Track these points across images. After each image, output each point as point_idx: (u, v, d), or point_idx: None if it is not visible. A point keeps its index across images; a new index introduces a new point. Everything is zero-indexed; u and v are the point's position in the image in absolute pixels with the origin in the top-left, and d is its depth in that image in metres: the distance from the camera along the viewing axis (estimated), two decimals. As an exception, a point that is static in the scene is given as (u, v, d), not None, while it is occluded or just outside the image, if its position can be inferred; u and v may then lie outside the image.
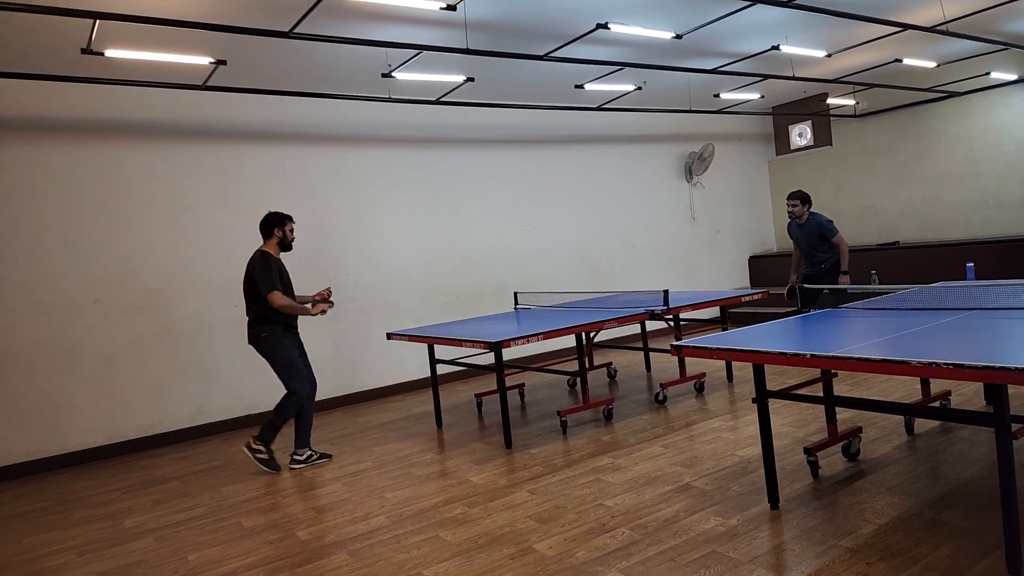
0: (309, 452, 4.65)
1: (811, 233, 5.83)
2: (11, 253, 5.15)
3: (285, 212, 4.67)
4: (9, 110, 5.17)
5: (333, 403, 6.45)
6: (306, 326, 6.29)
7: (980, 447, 3.63)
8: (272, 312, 4.43)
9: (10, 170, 5.16)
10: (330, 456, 4.75)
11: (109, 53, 4.30)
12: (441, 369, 6.46)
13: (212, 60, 4.67)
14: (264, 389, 6.09)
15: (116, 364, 5.49)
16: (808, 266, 5.98)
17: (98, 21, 3.83)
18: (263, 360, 4.48)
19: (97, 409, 5.41)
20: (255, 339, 4.50)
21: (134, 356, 5.57)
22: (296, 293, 4.78)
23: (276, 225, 4.57)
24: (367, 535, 3.34)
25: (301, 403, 4.50)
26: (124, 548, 3.52)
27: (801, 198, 5.86)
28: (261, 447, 4.53)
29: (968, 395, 4.60)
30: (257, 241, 6.10)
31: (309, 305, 4.59)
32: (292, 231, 4.64)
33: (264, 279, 4.37)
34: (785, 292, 5.59)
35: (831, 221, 5.84)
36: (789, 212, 5.91)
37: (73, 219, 5.38)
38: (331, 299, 4.68)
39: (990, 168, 7.86)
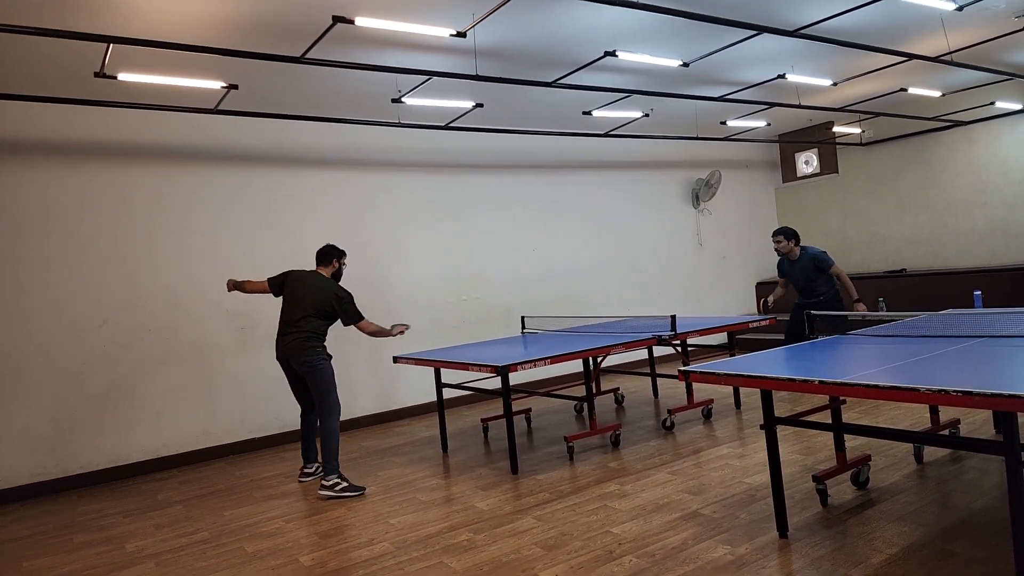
0: (337, 479, 4.47)
1: (806, 267, 5.72)
2: (19, 275, 5.19)
3: (341, 247, 4.95)
4: (22, 132, 5.25)
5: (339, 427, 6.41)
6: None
7: (991, 476, 3.58)
8: (323, 334, 4.59)
9: (21, 192, 5.23)
10: (363, 489, 4.48)
11: (122, 77, 4.38)
12: (447, 393, 6.44)
13: (224, 84, 4.75)
14: (269, 412, 6.09)
15: (121, 387, 5.50)
16: (802, 298, 5.85)
17: (111, 45, 3.91)
18: (268, 384, 4.51)
19: (101, 432, 5.40)
20: (304, 352, 4.49)
21: (139, 379, 5.58)
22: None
23: (336, 257, 4.76)
24: (371, 561, 3.30)
25: (338, 422, 4.52)
26: (125, 573, 3.49)
27: (785, 234, 5.74)
28: (333, 479, 4.39)
29: (977, 423, 4.55)
30: (260, 264, 6.17)
31: (392, 330, 4.74)
32: (345, 265, 4.87)
33: (353, 308, 4.59)
34: (760, 304, 5.68)
35: (825, 252, 5.75)
36: (776, 249, 5.79)
37: (82, 241, 5.43)
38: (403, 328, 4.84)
39: (997, 197, 7.86)
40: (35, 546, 4.04)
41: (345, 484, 4.39)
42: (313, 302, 4.55)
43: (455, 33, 4.22)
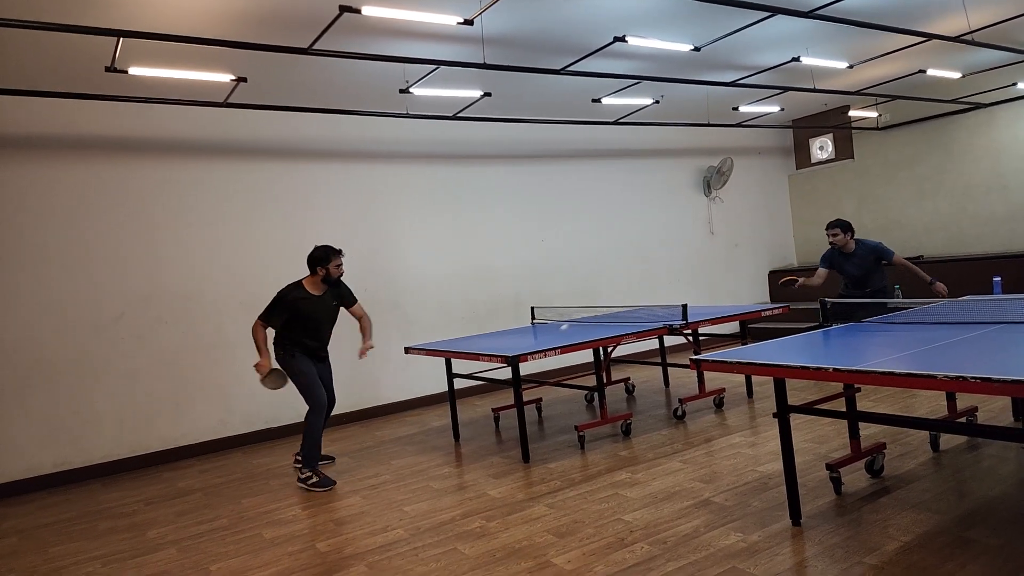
0: (310, 472, 4.53)
1: (865, 259, 5.43)
2: (36, 270, 5.26)
3: (334, 248, 4.65)
4: (36, 128, 5.31)
5: (352, 417, 6.48)
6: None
7: (1008, 463, 3.55)
8: (284, 338, 4.63)
9: (36, 187, 5.30)
10: (333, 483, 4.50)
11: (133, 71, 4.41)
12: (459, 383, 6.47)
13: (233, 77, 4.77)
14: (286, 402, 6.15)
15: (140, 377, 5.57)
16: (853, 289, 5.60)
17: (122, 39, 3.93)
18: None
19: (122, 422, 5.48)
20: (277, 358, 4.64)
21: (158, 370, 5.65)
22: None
23: (319, 264, 4.60)
24: (386, 548, 3.34)
25: (320, 413, 4.51)
26: (147, 558, 3.55)
27: (842, 227, 5.44)
28: (307, 472, 4.47)
29: (995, 411, 4.50)
30: (270, 256, 6.22)
31: (263, 352, 4.54)
32: (339, 267, 4.65)
33: (266, 307, 4.63)
34: (783, 281, 5.50)
35: (882, 243, 5.50)
36: (831, 242, 5.49)
37: (96, 235, 5.50)
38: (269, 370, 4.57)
39: (1017, 180, 7.73)
40: (60, 532, 4.12)
41: (316, 479, 4.43)
42: (334, 315, 4.81)
43: (462, 21, 4.20)
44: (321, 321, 4.67)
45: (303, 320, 4.58)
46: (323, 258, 4.58)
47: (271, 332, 4.65)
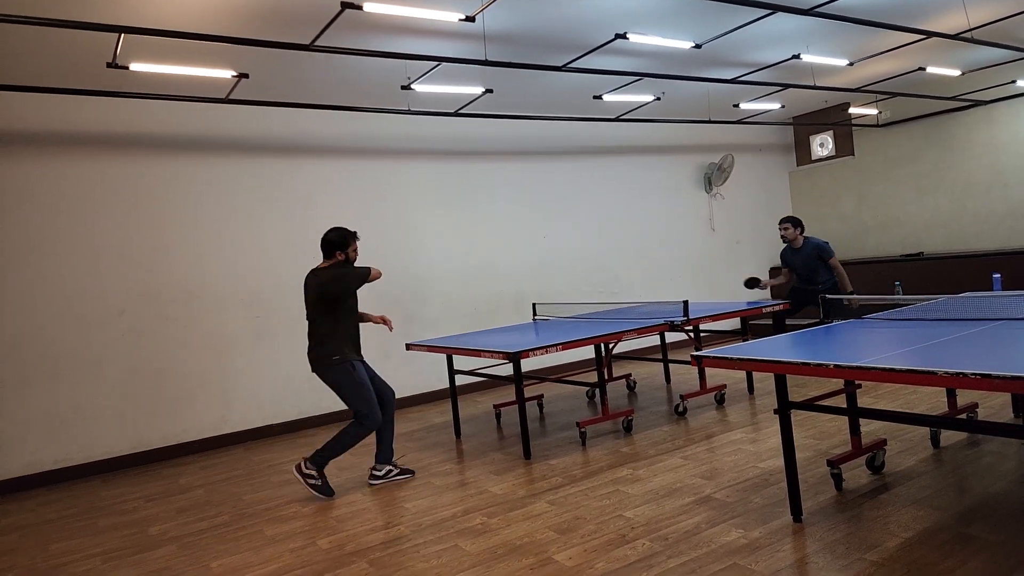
0: (390, 467, 4.35)
1: (809, 255, 5.94)
2: (37, 264, 5.26)
3: (349, 230, 4.25)
4: (36, 124, 5.30)
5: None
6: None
7: (1008, 460, 3.55)
8: (339, 332, 4.14)
9: (36, 183, 5.29)
10: (412, 472, 4.40)
11: (134, 67, 4.40)
12: (460, 380, 6.46)
13: (235, 73, 4.76)
14: (286, 399, 6.15)
15: (141, 374, 5.58)
16: (801, 283, 6.06)
17: (123, 35, 3.92)
18: (284, 371, 4.44)
19: (122, 418, 5.49)
20: (320, 361, 4.13)
21: (159, 366, 5.65)
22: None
23: (338, 248, 4.16)
24: (387, 544, 3.34)
25: (370, 431, 4.17)
26: (148, 555, 3.56)
27: (793, 222, 5.99)
28: (314, 471, 4.15)
29: (996, 407, 4.51)
30: (272, 253, 6.21)
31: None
32: (356, 251, 4.25)
33: (355, 272, 4.10)
34: (747, 280, 6.05)
35: (828, 243, 6.00)
36: (783, 236, 6.05)
37: (98, 231, 5.49)
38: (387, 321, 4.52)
39: (1016, 177, 7.73)
40: (61, 529, 4.13)
41: (320, 483, 4.15)
42: (313, 301, 4.13)
43: (464, 17, 4.19)
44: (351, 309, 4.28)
45: (352, 309, 4.22)
46: (341, 241, 4.16)
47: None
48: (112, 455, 5.44)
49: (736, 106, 7.74)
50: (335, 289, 4.10)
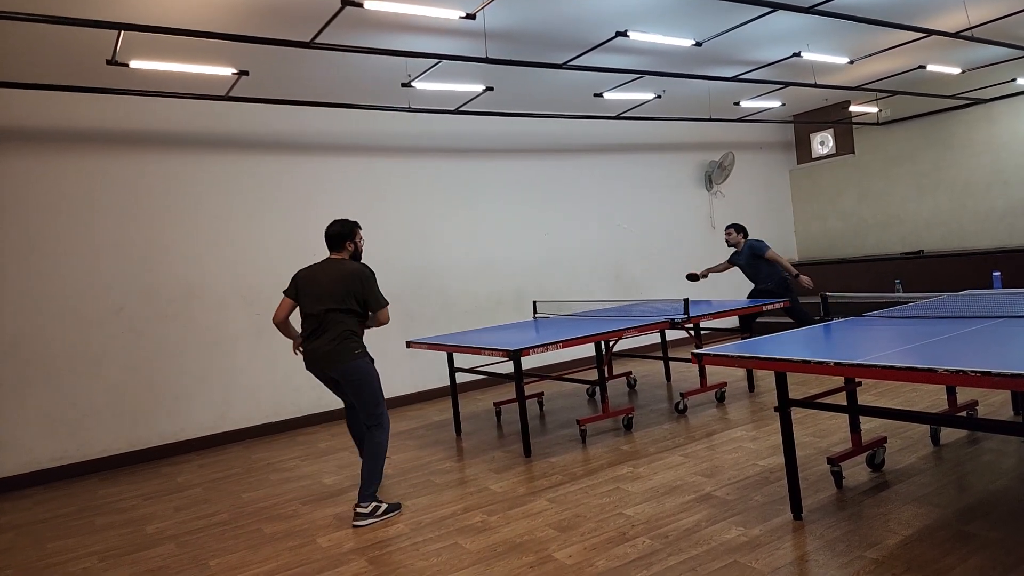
0: (376, 503, 3.73)
1: (748, 256, 6.36)
2: (36, 263, 5.25)
3: (351, 220, 3.99)
4: (35, 121, 5.29)
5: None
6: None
7: (1008, 457, 3.55)
8: (361, 330, 3.87)
9: (35, 180, 5.28)
10: (399, 506, 3.82)
11: (134, 64, 4.39)
12: (460, 378, 6.47)
13: (235, 71, 4.75)
14: (285, 397, 6.15)
15: (139, 372, 5.57)
16: (756, 285, 6.47)
17: (123, 32, 3.91)
18: (283, 369, 4.35)
19: (120, 416, 5.48)
20: (343, 357, 3.72)
21: (157, 364, 5.64)
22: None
23: (347, 238, 3.90)
24: (387, 542, 3.34)
25: (388, 436, 3.83)
26: (146, 554, 3.55)
27: (736, 228, 6.45)
28: (367, 505, 3.66)
29: (995, 405, 4.51)
30: (272, 250, 6.20)
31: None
32: (362, 239, 4.01)
33: (377, 290, 3.81)
34: (688, 275, 6.57)
35: (761, 240, 6.39)
36: (726, 240, 6.50)
37: (97, 228, 5.48)
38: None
39: (1017, 176, 7.72)
40: (58, 528, 4.12)
41: (385, 506, 3.72)
42: (340, 293, 3.73)
43: (465, 15, 4.18)
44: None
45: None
46: (349, 231, 3.89)
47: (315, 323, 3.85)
48: (110, 453, 5.43)
49: (737, 104, 7.73)
50: (362, 291, 3.78)
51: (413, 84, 5.44)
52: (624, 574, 2.74)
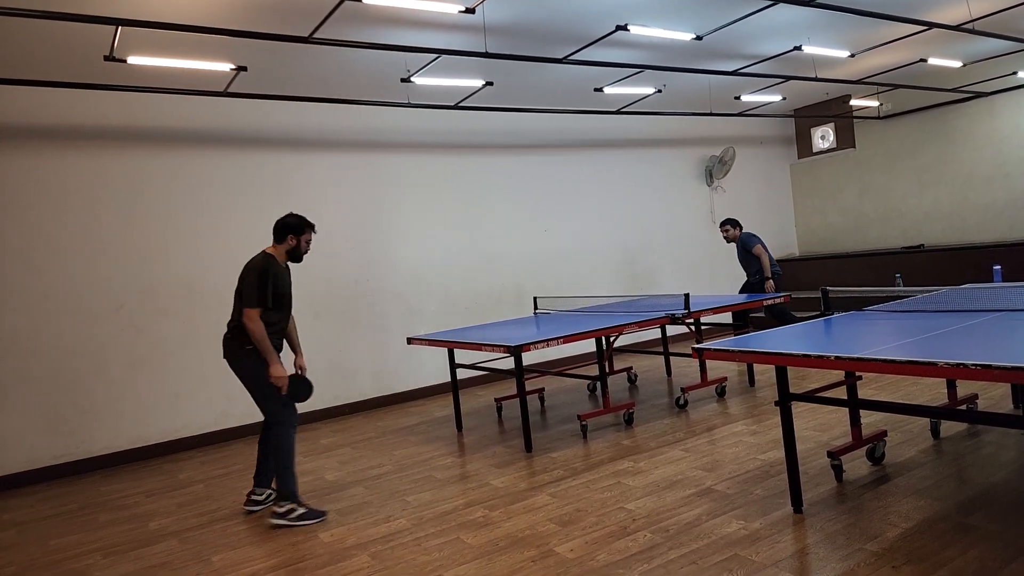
0: (292, 506, 3.67)
1: (741, 250, 6.76)
2: (35, 259, 5.25)
3: (308, 219, 3.94)
4: (33, 117, 5.29)
5: (354, 408, 6.49)
6: (326, 330, 6.36)
7: (1008, 450, 3.55)
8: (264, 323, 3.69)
9: (34, 176, 5.28)
10: (324, 513, 3.72)
11: (131, 60, 4.39)
12: (461, 374, 6.47)
13: (233, 66, 4.74)
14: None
15: (140, 369, 5.57)
16: (746, 277, 6.90)
17: (120, 28, 3.91)
18: (285, 363, 4.32)
19: (121, 413, 5.49)
20: (231, 350, 3.75)
21: (158, 361, 5.65)
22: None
23: (292, 231, 3.83)
24: (389, 537, 3.35)
25: (291, 435, 3.71)
26: (148, 550, 3.56)
27: (731, 223, 6.83)
28: (284, 505, 3.66)
29: (996, 398, 4.51)
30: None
31: (278, 360, 3.72)
32: (308, 243, 3.90)
33: (253, 288, 3.63)
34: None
35: (752, 235, 6.76)
36: (724, 238, 6.87)
37: (96, 225, 5.48)
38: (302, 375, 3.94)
39: (1018, 169, 7.71)
40: (61, 525, 4.13)
41: (303, 510, 3.65)
42: (238, 285, 3.76)
43: (464, 9, 4.17)
44: (289, 307, 3.90)
45: (281, 302, 3.79)
46: (298, 226, 3.82)
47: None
48: (112, 450, 5.44)
49: (737, 98, 7.71)
50: (242, 284, 3.72)
51: (412, 79, 5.43)
52: (625, 568, 2.74)
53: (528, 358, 6.97)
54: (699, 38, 5.35)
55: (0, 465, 5.06)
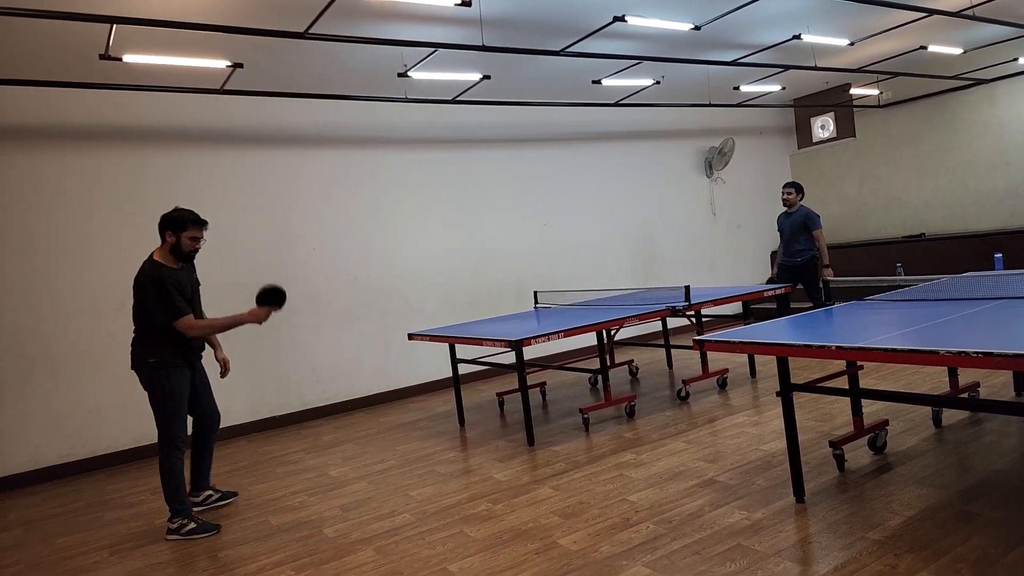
0: (183, 521, 3.61)
1: (796, 222, 6.41)
2: (35, 259, 5.25)
3: (194, 214, 3.65)
4: (29, 117, 5.28)
5: (356, 404, 6.50)
6: (327, 326, 6.36)
7: (1010, 438, 3.56)
8: (155, 336, 3.60)
9: (32, 176, 5.28)
10: (218, 527, 3.68)
11: (127, 58, 4.38)
12: (463, 369, 6.47)
13: (229, 63, 4.73)
14: (289, 391, 6.17)
15: (144, 367, 5.58)
16: (784, 256, 6.56)
17: (115, 26, 3.90)
18: (285, 364, 4.33)
19: (124, 412, 5.50)
20: (135, 362, 3.69)
21: (161, 358, 5.65)
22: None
23: (170, 227, 3.55)
24: (392, 532, 3.36)
25: (179, 456, 3.63)
26: (155, 547, 3.58)
27: (796, 187, 6.51)
28: (175, 521, 3.62)
29: (997, 386, 4.51)
30: (270, 245, 6.20)
31: (240, 314, 3.74)
32: (194, 240, 3.62)
33: (160, 305, 3.49)
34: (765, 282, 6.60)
35: (818, 216, 6.47)
36: (784, 199, 6.53)
37: (95, 224, 5.48)
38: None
39: (1019, 157, 7.69)
40: (67, 523, 4.15)
41: (194, 524, 3.61)
42: (137, 302, 3.59)
43: (460, 2, 4.15)
44: (194, 303, 3.75)
45: (188, 304, 3.68)
46: (177, 221, 3.55)
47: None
48: (116, 449, 5.45)
49: (736, 89, 7.69)
50: (140, 298, 3.58)
51: (409, 74, 5.42)
52: (629, 559, 2.75)
53: (529, 352, 6.97)
54: (697, 28, 5.33)
55: (5, 465, 5.08)
